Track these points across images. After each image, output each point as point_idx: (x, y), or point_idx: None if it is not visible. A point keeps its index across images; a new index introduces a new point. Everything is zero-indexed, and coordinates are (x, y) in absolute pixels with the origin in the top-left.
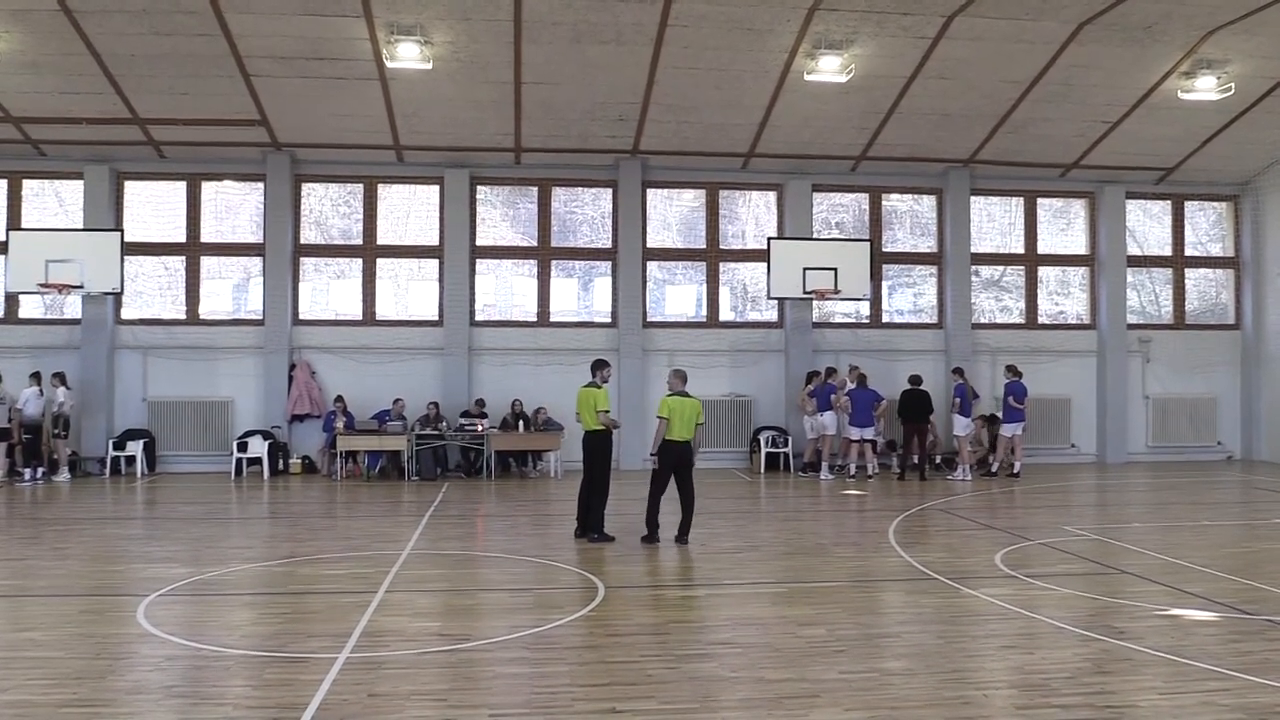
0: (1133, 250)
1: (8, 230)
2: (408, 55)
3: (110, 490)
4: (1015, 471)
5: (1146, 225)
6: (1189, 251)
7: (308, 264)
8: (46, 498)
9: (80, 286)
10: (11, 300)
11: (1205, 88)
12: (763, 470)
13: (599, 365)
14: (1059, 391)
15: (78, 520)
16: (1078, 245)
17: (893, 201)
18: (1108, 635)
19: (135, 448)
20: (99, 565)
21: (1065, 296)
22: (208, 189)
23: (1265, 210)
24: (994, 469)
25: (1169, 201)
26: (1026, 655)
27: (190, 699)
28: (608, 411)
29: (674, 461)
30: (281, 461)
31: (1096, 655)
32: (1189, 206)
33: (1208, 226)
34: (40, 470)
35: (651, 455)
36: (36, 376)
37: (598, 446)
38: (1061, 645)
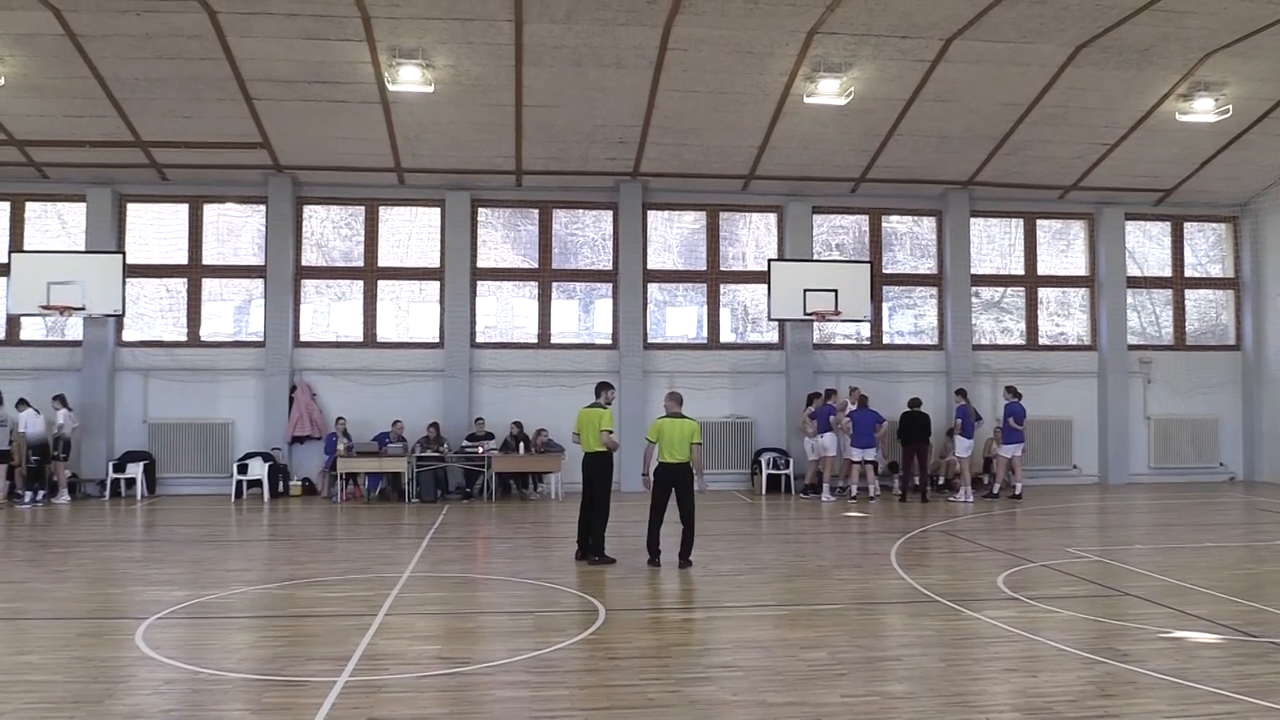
0: (1132, 271)
1: (10, 252)
2: (409, 78)
3: (110, 512)
4: (1017, 493)
5: (1146, 246)
6: (1189, 272)
7: (309, 286)
8: (46, 520)
9: (82, 308)
10: (13, 322)
11: (1203, 110)
12: (764, 492)
13: (604, 387)
14: (1060, 413)
15: (77, 542)
16: (1077, 266)
17: (893, 223)
18: (1111, 658)
19: (135, 470)
20: (98, 588)
21: (1066, 318)
22: (209, 211)
23: (1264, 231)
24: (995, 491)
25: (1168, 223)
26: (1030, 678)
27: None
28: (610, 431)
29: (665, 484)
30: (282, 484)
31: (1100, 678)
32: (1188, 227)
33: (1207, 247)
34: (40, 492)
35: (643, 475)
36: (25, 402)
37: (599, 468)
38: (1065, 668)
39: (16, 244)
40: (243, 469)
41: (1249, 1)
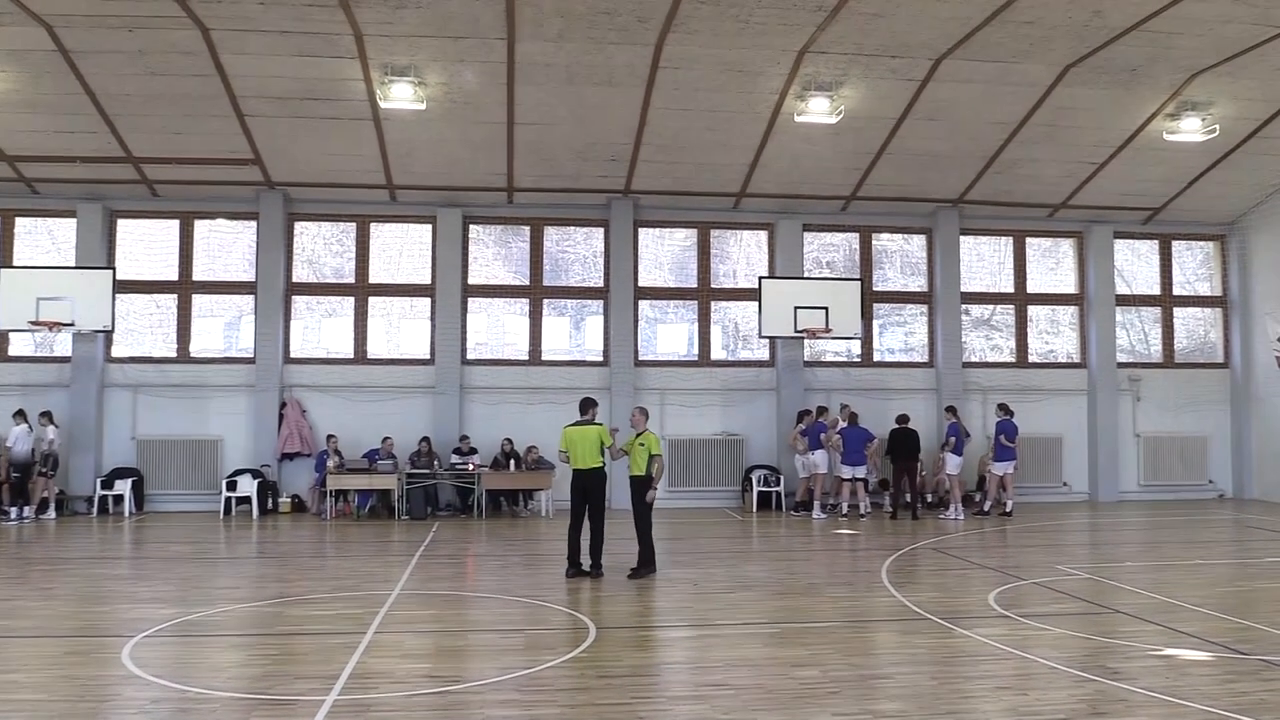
0: (1121, 289)
1: None
2: (401, 96)
3: (97, 529)
4: (1007, 510)
5: (1134, 264)
6: (1177, 290)
7: (299, 302)
8: (33, 537)
9: (71, 324)
10: (1, 338)
11: (1190, 129)
12: (755, 509)
13: (592, 404)
14: (1050, 430)
15: (64, 560)
16: (1067, 284)
17: (883, 241)
18: (1102, 676)
19: (123, 486)
20: (85, 606)
21: (1055, 335)
22: (200, 227)
23: (1252, 250)
24: (986, 508)
25: (1156, 241)
26: (1021, 696)
27: None
28: (612, 445)
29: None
30: (271, 500)
31: (1091, 696)
32: (1176, 246)
33: (1195, 266)
34: (27, 509)
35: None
36: (22, 414)
37: (598, 484)
38: (1056, 686)
39: (6, 259)
40: (232, 486)
41: (1235, 23)
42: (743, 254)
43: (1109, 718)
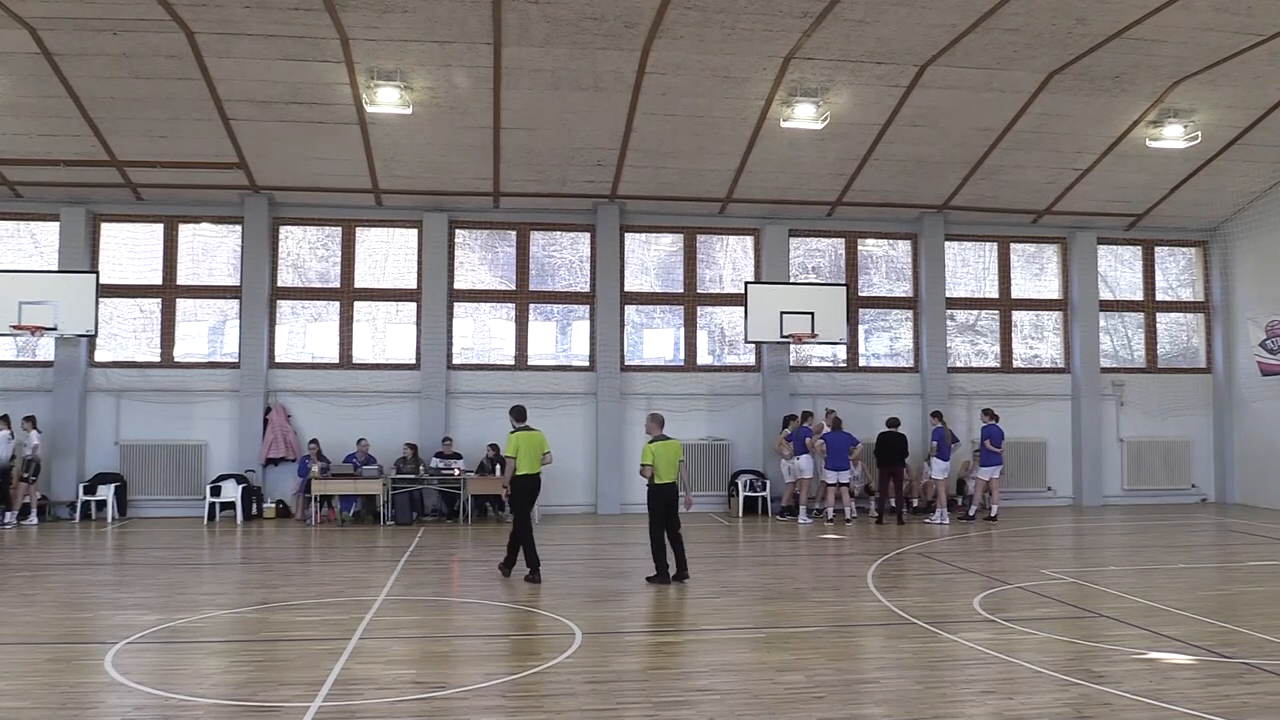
0: (1104, 295)
1: None
2: (387, 100)
3: (80, 535)
4: (992, 515)
5: (1118, 270)
6: (1160, 296)
7: (284, 307)
8: (14, 543)
9: (54, 329)
10: None
11: (1173, 136)
12: (741, 514)
13: (525, 410)
14: (1035, 435)
15: (46, 566)
16: (1051, 290)
17: (868, 246)
18: (1086, 679)
19: (106, 492)
20: (67, 612)
21: (1039, 341)
22: (185, 231)
23: (1234, 255)
24: (971, 513)
25: (1139, 247)
26: (1005, 700)
27: None
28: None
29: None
30: (255, 506)
31: (1075, 700)
32: (1159, 252)
33: (1178, 271)
34: (8, 515)
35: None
36: (5, 420)
37: (538, 487)
38: (1040, 690)
39: None
40: (216, 491)
41: (1217, 31)
42: (729, 259)
43: None
